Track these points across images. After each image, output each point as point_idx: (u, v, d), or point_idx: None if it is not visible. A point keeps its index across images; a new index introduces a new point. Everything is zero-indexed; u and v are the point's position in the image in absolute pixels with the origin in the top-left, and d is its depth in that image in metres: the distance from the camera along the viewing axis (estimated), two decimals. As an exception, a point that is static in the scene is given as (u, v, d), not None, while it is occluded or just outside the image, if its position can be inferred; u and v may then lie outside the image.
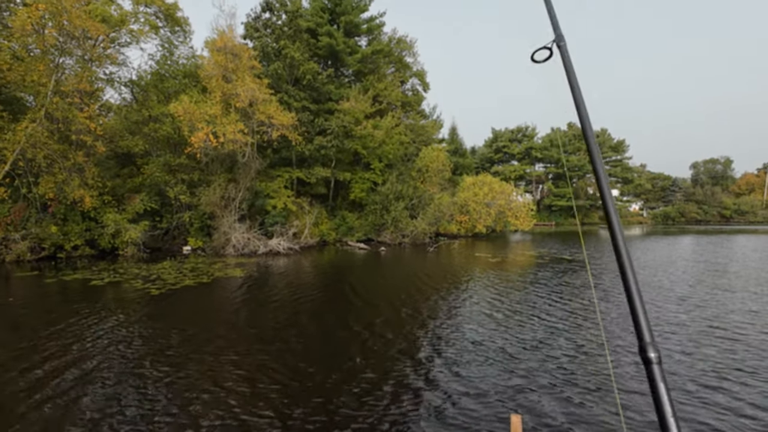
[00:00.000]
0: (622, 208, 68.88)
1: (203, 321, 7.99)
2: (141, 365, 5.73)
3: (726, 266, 15.31)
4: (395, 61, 32.13)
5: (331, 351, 6.34)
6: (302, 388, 5.04)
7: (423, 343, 6.75)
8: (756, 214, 67.23)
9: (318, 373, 5.48)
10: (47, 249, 16.77)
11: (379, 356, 6.13)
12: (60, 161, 16.87)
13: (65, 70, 17.91)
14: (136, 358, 5.98)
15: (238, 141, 18.96)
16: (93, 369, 5.57)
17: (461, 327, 7.59)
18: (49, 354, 6.08)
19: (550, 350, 6.31)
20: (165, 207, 20.82)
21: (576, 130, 68.14)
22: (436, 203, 27.77)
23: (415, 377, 5.37)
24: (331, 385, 5.13)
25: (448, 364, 5.78)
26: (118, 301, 9.57)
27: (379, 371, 5.55)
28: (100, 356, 6.04)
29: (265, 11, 25.24)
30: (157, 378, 5.32)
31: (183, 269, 14.40)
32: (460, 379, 5.30)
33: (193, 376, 5.40)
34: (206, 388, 5.04)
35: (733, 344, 6.54)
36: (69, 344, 6.53)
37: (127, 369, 5.60)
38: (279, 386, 5.08)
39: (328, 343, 6.76)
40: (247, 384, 5.15)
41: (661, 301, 9.50)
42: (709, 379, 5.23)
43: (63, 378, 5.26)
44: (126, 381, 5.22)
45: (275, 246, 20.29)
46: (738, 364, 5.74)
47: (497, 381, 5.21)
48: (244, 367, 5.67)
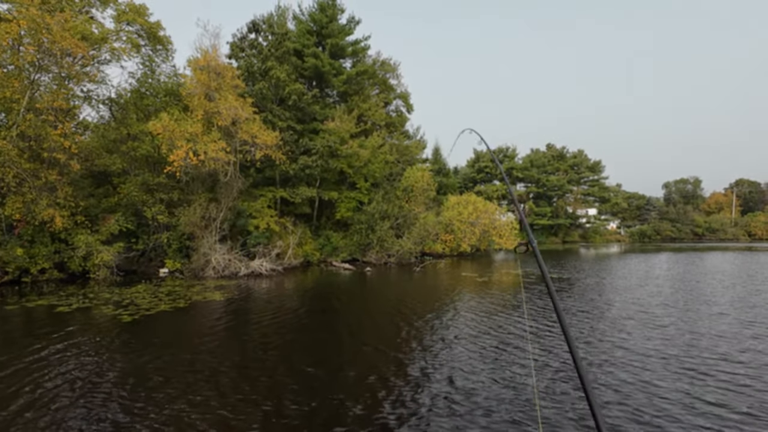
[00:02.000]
0: (599, 226, 70.74)
1: (178, 352, 7.46)
2: (104, 407, 5.21)
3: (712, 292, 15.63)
4: (379, 83, 32.63)
5: (315, 386, 5.95)
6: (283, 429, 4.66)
7: (415, 385, 6.43)
8: (726, 232, 70.13)
9: (299, 416, 5.10)
10: (11, 273, 15.72)
11: (367, 396, 5.80)
12: (30, 180, 16.07)
13: (40, 87, 17.35)
14: (101, 398, 5.46)
15: (219, 159, 18.57)
16: (48, 412, 5.03)
17: (455, 359, 7.33)
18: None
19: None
20: (141, 228, 20.01)
21: (555, 151, 70.44)
22: (421, 222, 27.74)
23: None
24: (315, 425, 4.76)
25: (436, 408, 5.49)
26: (85, 329, 8.91)
27: (365, 410, 5.22)
28: (58, 398, 5.47)
29: (252, 32, 25.38)
30: (122, 423, 4.83)
31: (159, 293, 13.69)
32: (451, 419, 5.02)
33: (161, 420, 4.93)
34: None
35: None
36: (22, 382, 5.92)
37: (90, 412, 5.09)
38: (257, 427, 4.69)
39: (313, 378, 6.38)
40: (223, 427, 4.73)
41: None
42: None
43: (11, 422, 4.71)
44: (87, 426, 4.72)
45: (257, 267, 19.67)
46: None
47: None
48: (220, 408, 5.22)
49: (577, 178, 70.13)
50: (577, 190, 69.77)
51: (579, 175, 69.95)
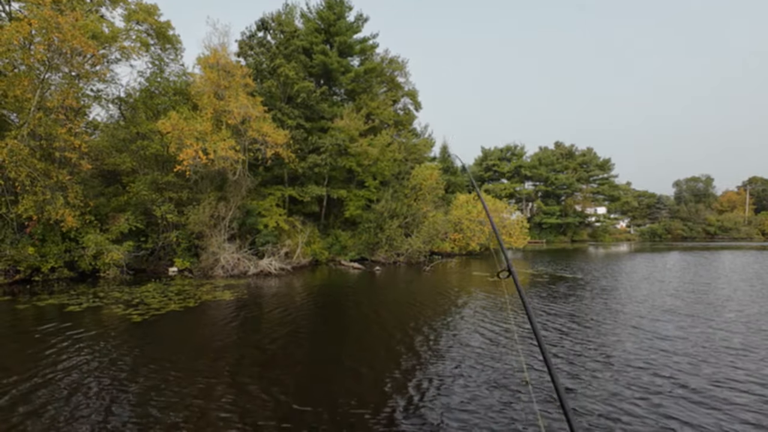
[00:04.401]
0: (609, 225, 69.76)
1: (188, 352, 7.29)
2: (116, 405, 5.06)
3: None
4: (387, 81, 32.40)
5: (326, 391, 5.72)
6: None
7: (432, 395, 6.21)
8: (739, 231, 68.84)
9: (310, 417, 4.90)
10: (23, 272, 15.76)
11: (378, 401, 5.58)
12: (42, 179, 16.07)
13: (51, 86, 17.35)
14: (111, 397, 5.31)
15: (229, 158, 18.46)
16: (54, 414, 4.88)
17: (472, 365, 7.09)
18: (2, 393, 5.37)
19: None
20: (151, 227, 19.99)
21: (563, 149, 69.63)
22: (430, 221, 27.47)
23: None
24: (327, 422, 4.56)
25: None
26: (95, 329, 8.79)
27: (377, 411, 5.00)
28: (65, 399, 5.33)
29: (260, 30, 25.26)
30: (135, 422, 4.67)
31: (168, 292, 13.60)
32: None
33: (176, 418, 4.76)
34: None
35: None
36: (30, 382, 5.79)
37: (102, 410, 4.93)
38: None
39: (323, 381, 6.18)
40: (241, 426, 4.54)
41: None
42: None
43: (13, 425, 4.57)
44: (100, 423, 4.56)
45: (266, 266, 19.55)
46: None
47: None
48: (231, 411, 5.04)
49: (586, 177, 69.26)
50: (586, 189, 68.89)
51: (588, 173, 69.09)
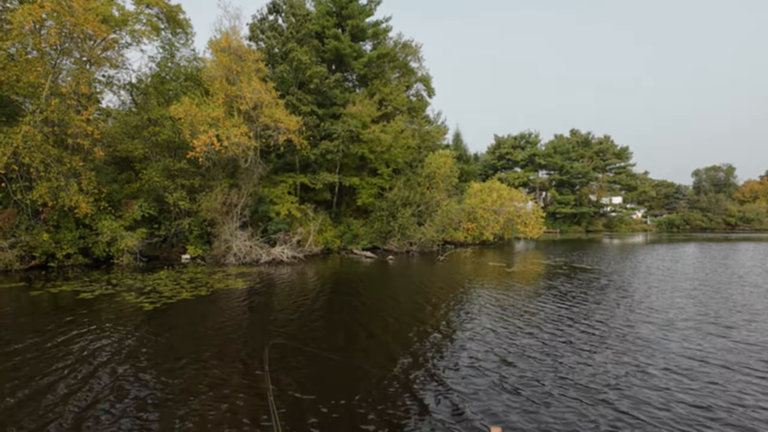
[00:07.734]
0: (625, 215, 68.07)
1: (198, 344, 7.02)
2: (112, 408, 4.83)
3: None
4: (400, 66, 31.52)
5: (340, 384, 5.42)
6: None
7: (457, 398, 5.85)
8: (761, 222, 66.67)
9: (320, 406, 4.59)
10: (38, 258, 15.86)
11: (393, 402, 5.25)
12: (55, 166, 16.02)
13: (62, 71, 17.16)
14: (123, 385, 5.09)
15: (241, 145, 18.17)
16: (59, 402, 4.67)
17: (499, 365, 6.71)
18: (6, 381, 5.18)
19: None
20: (163, 213, 19.95)
21: (579, 137, 67.78)
22: (443, 210, 26.95)
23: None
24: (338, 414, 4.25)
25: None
26: (106, 317, 8.65)
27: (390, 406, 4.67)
28: (70, 390, 5.13)
29: (272, 13, 24.66)
30: (136, 418, 4.43)
31: (180, 280, 13.50)
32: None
33: (177, 417, 4.50)
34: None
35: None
36: (33, 370, 5.60)
37: (113, 398, 4.71)
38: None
39: (337, 374, 5.87)
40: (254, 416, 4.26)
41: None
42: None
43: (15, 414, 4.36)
44: (100, 418, 4.33)
45: (278, 254, 19.39)
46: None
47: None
48: (240, 409, 4.76)
49: (603, 165, 67.59)
50: (603, 178, 67.25)
51: (605, 161, 67.37)
